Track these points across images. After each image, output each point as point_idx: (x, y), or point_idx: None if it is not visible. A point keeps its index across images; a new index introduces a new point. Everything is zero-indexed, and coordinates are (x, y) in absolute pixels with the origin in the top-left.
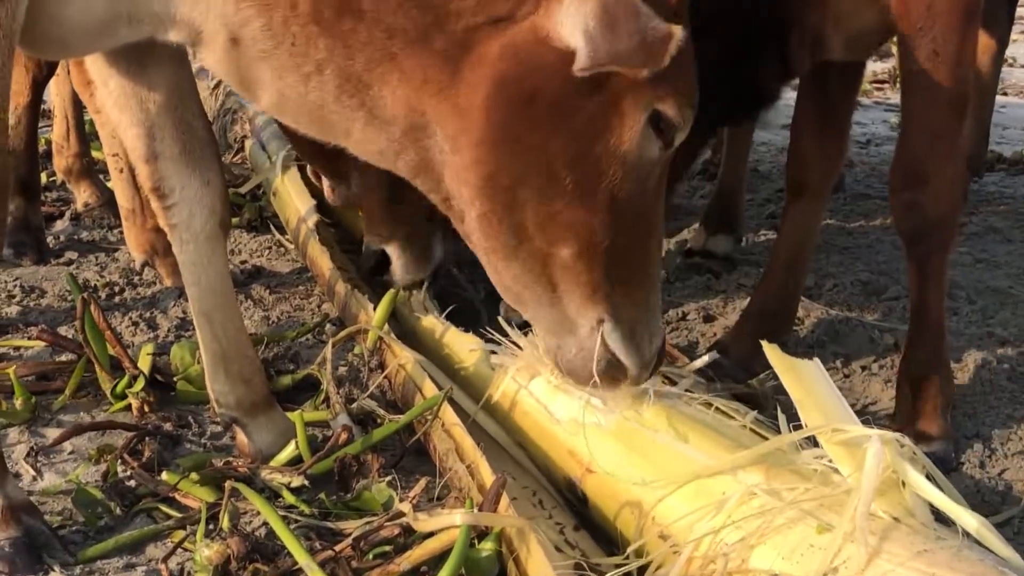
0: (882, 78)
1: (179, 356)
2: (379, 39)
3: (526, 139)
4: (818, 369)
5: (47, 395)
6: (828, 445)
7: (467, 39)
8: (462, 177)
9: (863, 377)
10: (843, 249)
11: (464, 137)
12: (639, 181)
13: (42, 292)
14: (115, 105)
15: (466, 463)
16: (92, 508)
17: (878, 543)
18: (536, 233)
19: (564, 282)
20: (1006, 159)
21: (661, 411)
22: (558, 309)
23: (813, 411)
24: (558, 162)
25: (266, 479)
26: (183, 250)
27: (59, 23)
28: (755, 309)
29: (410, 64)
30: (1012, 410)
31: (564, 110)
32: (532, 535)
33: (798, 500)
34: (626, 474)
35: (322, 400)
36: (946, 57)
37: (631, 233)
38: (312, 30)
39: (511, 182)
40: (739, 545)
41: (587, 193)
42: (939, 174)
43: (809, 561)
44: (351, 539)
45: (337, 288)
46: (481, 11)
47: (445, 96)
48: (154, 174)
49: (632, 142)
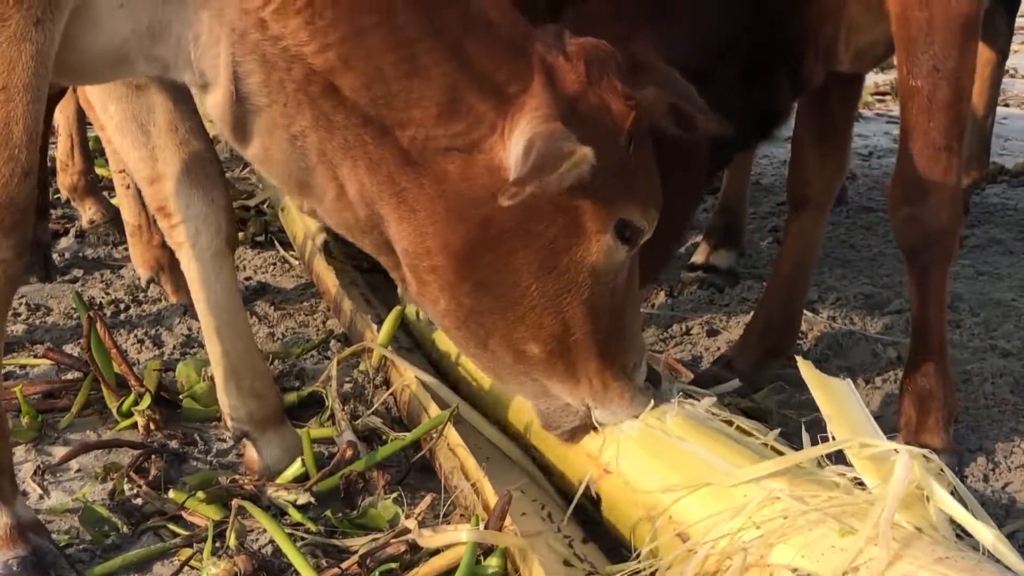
0: (884, 90)
1: (185, 373)
2: (355, 124)
3: (486, 255)
4: (848, 387)
5: (53, 413)
6: (855, 459)
7: (427, 148)
8: (424, 278)
9: (866, 391)
10: (846, 262)
11: (427, 242)
12: (607, 282)
13: (48, 310)
14: (116, 129)
15: (471, 481)
16: (99, 526)
17: (900, 548)
18: (505, 332)
19: (536, 372)
20: (1008, 171)
21: (685, 422)
22: (535, 388)
23: (842, 426)
24: (522, 275)
25: (272, 496)
26: (190, 267)
27: (81, 50)
28: (759, 323)
29: (378, 157)
30: (1016, 423)
31: (526, 233)
32: (534, 556)
33: (821, 506)
34: (647, 477)
35: (327, 417)
36: (946, 72)
37: (602, 324)
38: (301, 98)
39: (474, 288)
40: (759, 542)
41: (554, 299)
42: (939, 188)
43: (829, 560)
44: (357, 556)
45: (343, 305)
46: (441, 126)
47: (403, 200)
48: (158, 194)
49: (599, 254)
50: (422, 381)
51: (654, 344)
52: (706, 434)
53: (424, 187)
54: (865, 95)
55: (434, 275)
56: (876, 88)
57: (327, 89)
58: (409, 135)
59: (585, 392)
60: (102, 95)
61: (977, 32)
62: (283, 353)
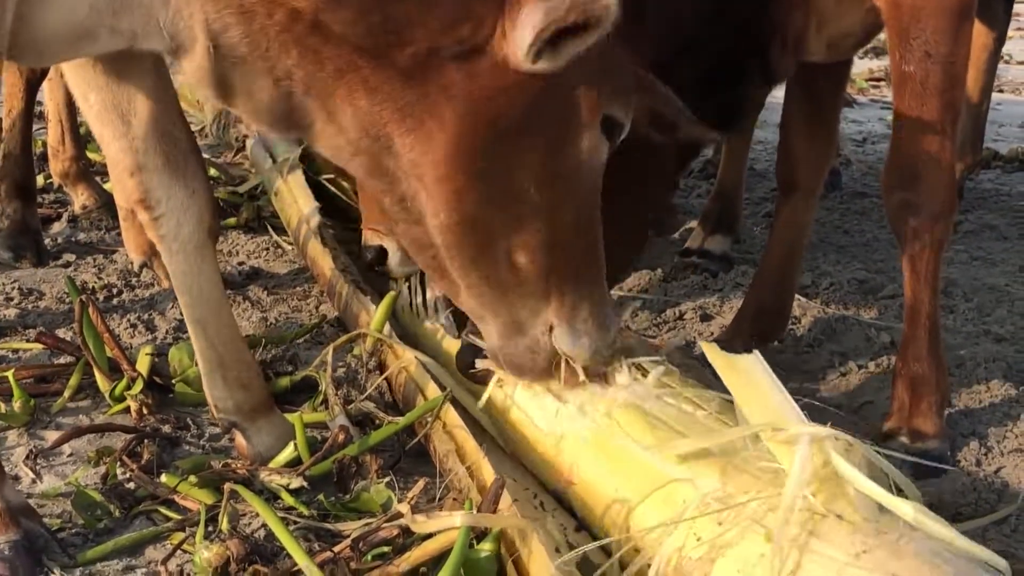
0: (878, 76)
1: (177, 358)
2: (347, 53)
3: (492, 157)
4: (759, 363)
5: (46, 398)
6: (771, 443)
7: (430, 61)
8: (426, 190)
9: (860, 376)
10: (840, 247)
11: (429, 155)
12: (592, 184)
13: (40, 295)
14: (97, 119)
15: (467, 464)
16: (91, 510)
17: (818, 544)
18: (498, 241)
19: (519, 288)
20: (1002, 156)
21: (632, 412)
22: (510, 313)
23: (755, 409)
24: (524, 177)
25: (265, 481)
26: (173, 260)
27: (38, 28)
28: (750, 307)
29: (375, 79)
30: (1008, 408)
31: (528, 129)
32: (534, 535)
33: (746, 508)
34: (602, 485)
35: (320, 402)
36: (938, 58)
37: (585, 234)
38: (285, 38)
39: (477, 196)
40: (700, 561)
41: (550, 202)
42: (933, 173)
43: (761, 571)
44: (350, 540)
45: (339, 289)
46: (443, 35)
47: (409, 113)
48: (139, 186)
49: (591, 148)
50: (421, 362)
51: (647, 329)
52: (648, 424)
53: (429, 96)
54: (859, 81)
55: (439, 185)
56: (871, 74)
57: (313, 27)
58: (410, 52)
59: (565, 310)
60: (82, 84)
61: (971, 17)
62: (276, 338)
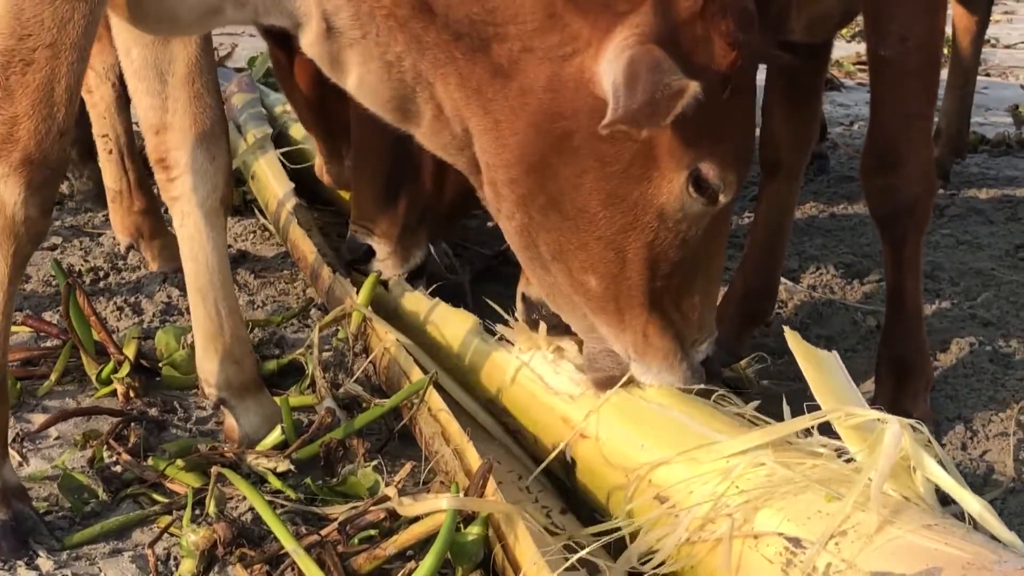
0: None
1: (164, 341)
2: (445, 41)
3: (560, 171)
4: (834, 358)
5: (32, 381)
6: (841, 428)
7: (520, 60)
8: (500, 190)
9: (846, 359)
10: (826, 232)
11: (503, 154)
12: (680, 232)
13: (27, 277)
14: (135, 75)
15: (452, 447)
16: (78, 494)
17: (889, 514)
18: (569, 256)
19: (590, 306)
20: (988, 140)
21: (665, 390)
22: (585, 323)
23: (828, 396)
24: (592, 199)
25: (252, 464)
26: (183, 223)
27: (173, 5)
28: (737, 291)
29: (468, 71)
30: (994, 392)
31: (600, 154)
32: (519, 519)
33: (807, 473)
34: (627, 442)
35: (307, 385)
36: (914, 41)
37: (663, 276)
38: (392, 24)
39: (545, 205)
40: (744, 507)
41: (620, 233)
42: (911, 157)
43: (816, 525)
44: (337, 524)
45: (321, 273)
46: (537, 37)
47: (492, 108)
48: (161, 145)
49: (670, 196)
50: (403, 344)
51: None
52: (688, 402)
53: (509, 99)
54: (847, 64)
55: (510, 188)
56: (858, 57)
57: (417, 11)
58: (504, 48)
59: (629, 341)
60: (127, 39)
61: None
62: (263, 321)
